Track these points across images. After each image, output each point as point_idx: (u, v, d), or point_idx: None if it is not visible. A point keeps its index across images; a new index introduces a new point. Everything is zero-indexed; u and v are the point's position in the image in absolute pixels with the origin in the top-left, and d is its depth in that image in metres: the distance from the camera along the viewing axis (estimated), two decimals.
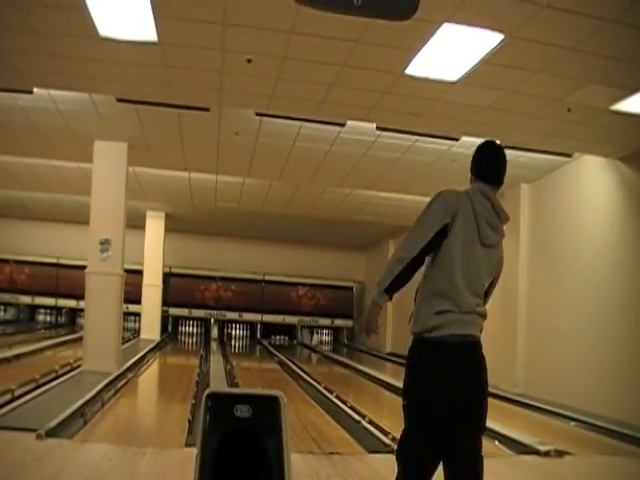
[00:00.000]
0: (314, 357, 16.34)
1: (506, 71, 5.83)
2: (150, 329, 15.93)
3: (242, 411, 1.71)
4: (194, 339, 18.64)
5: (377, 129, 8.16)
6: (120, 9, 5.11)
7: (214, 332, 18.90)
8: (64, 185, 12.70)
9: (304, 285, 19.97)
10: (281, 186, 11.91)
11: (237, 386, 8.54)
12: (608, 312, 7.95)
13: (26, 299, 18.83)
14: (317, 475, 4.55)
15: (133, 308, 15.88)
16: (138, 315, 16.56)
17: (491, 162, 3.08)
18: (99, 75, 6.65)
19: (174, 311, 18.92)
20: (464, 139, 8.16)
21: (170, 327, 18.90)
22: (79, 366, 9.10)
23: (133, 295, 14.79)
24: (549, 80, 5.94)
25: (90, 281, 9.22)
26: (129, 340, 14.64)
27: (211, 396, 1.75)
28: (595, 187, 8.54)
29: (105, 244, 9.18)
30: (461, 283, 2.83)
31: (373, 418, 6.69)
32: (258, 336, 19.45)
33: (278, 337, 19.91)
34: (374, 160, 9.49)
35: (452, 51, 5.49)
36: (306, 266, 19.78)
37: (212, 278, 19.41)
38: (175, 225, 17.14)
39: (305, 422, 6.55)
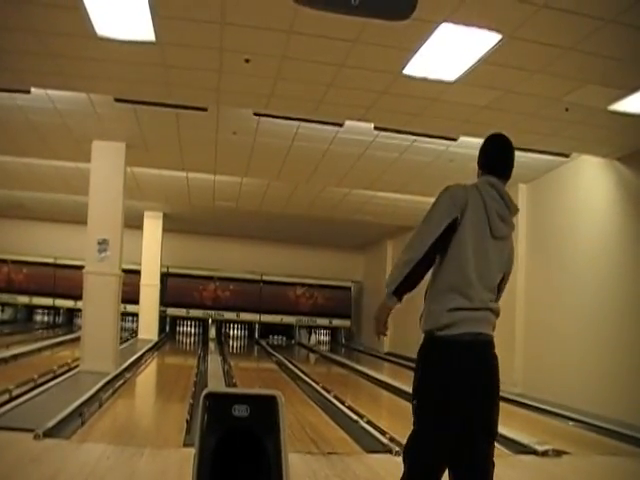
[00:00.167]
0: (312, 357, 16.33)
1: (504, 71, 5.84)
2: (148, 329, 15.91)
3: (240, 411, 1.71)
4: (192, 339, 18.63)
5: (375, 129, 8.16)
6: (118, 9, 5.11)
7: (212, 332, 18.89)
8: (62, 185, 12.68)
9: (302, 285, 19.95)
10: (279, 186, 11.90)
11: (235, 386, 8.54)
12: (607, 312, 7.96)
13: (24, 299, 18.79)
14: (315, 475, 4.54)
15: (131, 308, 15.90)
16: (136, 315, 16.55)
17: (500, 155, 3.02)
18: (97, 75, 6.65)
19: (172, 311, 18.90)
20: (462, 139, 8.17)
21: (168, 327, 18.88)
22: (77, 366, 9.09)
23: (131, 295, 14.79)
24: (547, 80, 5.95)
25: (88, 281, 9.21)
26: (127, 340, 14.62)
27: (209, 396, 1.75)
28: (593, 187, 8.54)
29: (103, 244, 9.17)
30: (473, 276, 2.77)
31: (371, 418, 6.68)
32: (256, 336, 19.44)
33: (276, 337, 19.90)
34: (372, 160, 9.49)
35: (450, 51, 5.49)
36: (304, 266, 19.78)
37: (210, 278, 19.39)
38: (173, 225, 17.14)
39: (303, 422, 6.55)
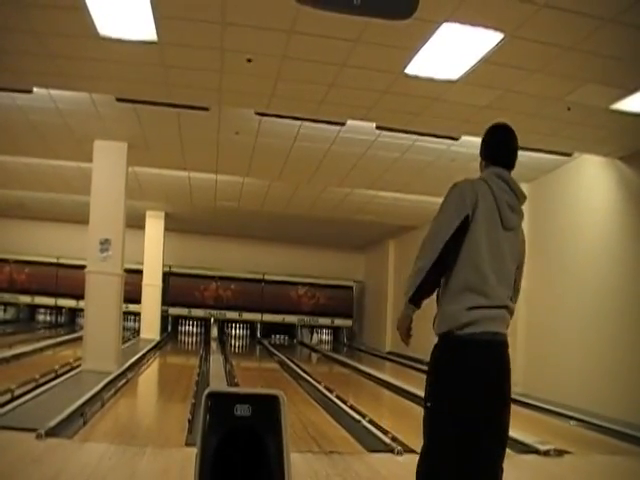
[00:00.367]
0: (314, 356, 16.33)
1: (505, 70, 5.83)
2: (150, 329, 15.93)
3: (242, 410, 1.71)
4: (194, 339, 18.64)
5: (377, 128, 8.16)
6: (120, 9, 5.11)
7: (214, 332, 18.89)
8: (64, 185, 12.70)
9: (304, 284, 19.96)
10: (281, 185, 11.91)
11: (237, 386, 8.54)
12: (608, 311, 7.96)
13: (26, 299, 18.82)
14: (317, 474, 4.55)
15: (133, 308, 15.89)
16: (138, 315, 16.57)
17: (504, 145, 2.95)
18: (99, 75, 6.65)
19: (174, 311, 18.92)
20: (464, 138, 8.17)
21: (170, 327, 18.89)
22: (79, 366, 9.10)
23: (133, 295, 14.79)
24: (548, 79, 5.94)
25: (90, 281, 9.22)
26: (129, 340, 14.63)
27: (211, 395, 1.75)
28: (595, 187, 8.54)
29: (105, 244, 9.18)
30: (489, 273, 2.71)
31: (373, 417, 6.68)
32: (258, 335, 19.45)
33: (278, 336, 19.91)
34: (374, 159, 9.49)
35: (451, 50, 5.49)
36: (306, 265, 19.79)
37: (212, 278, 19.41)
38: (175, 225, 17.15)
39: (305, 421, 6.55)
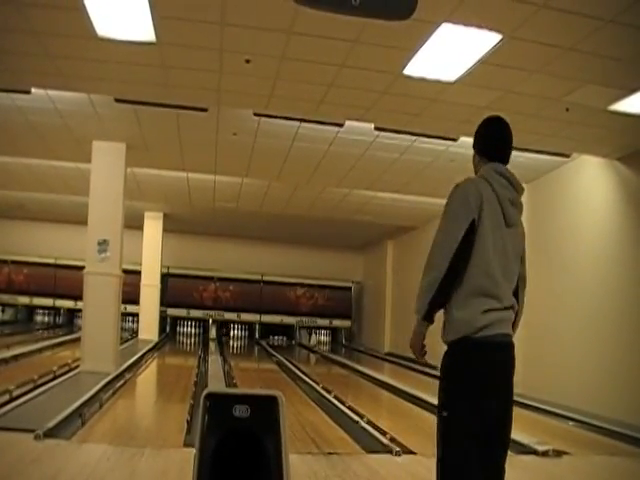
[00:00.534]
0: (312, 357, 16.32)
1: (504, 71, 5.84)
2: (148, 329, 15.91)
3: (241, 411, 1.71)
4: (192, 339, 18.63)
5: (375, 129, 8.16)
6: (118, 9, 5.11)
7: (212, 332, 18.88)
8: (62, 185, 12.69)
9: (302, 285, 19.94)
10: (279, 186, 11.91)
11: (235, 386, 8.53)
12: (606, 312, 7.96)
13: (24, 300, 18.79)
14: (315, 475, 4.54)
15: (131, 308, 15.90)
16: (136, 315, 16.55)
17: (500, 139, 2.89)
18: (97, 75, 6.65)
19: (172, 311, 18.89)
20: (462, 139, 8.16)
21: (168, 327, 18.87)
22: (77, 367, 9.09)
23: (131, 295, 14.80)
24: (547, 80, 5.95)
25: (88, 282, 9.21)
26: (127, 340, 14.62)
27: (210, 396, 1.75)
28: (593, 187, 8.54)
29: (103, 244, 9.17)
30: (498, 274, 2.66)
31: (371, 418, 6.68)
32: (256, 336, 19.44)
33: (276, 337, 19.90)
34: (372, 160, 9.50)
35: (450, 51, 5.50)
36: (304, 266, 19.78)
37: (210, 278, 19.39)
38: (173, 225, 17.14)
39: (304, 422, 6.55)
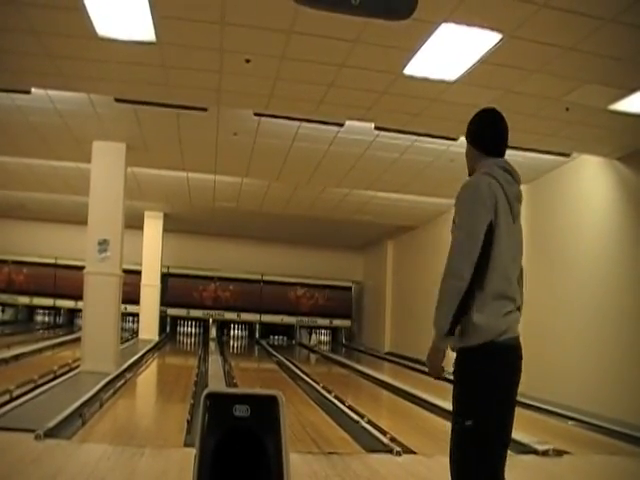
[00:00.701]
0: (312, 357, 16.33)
1: (504, 71, 5.84)
2: (148, 329, 15.92)
3: (241, 411, 1.71)
4: (192, 339, 18.63)
5: (375, 129, 8.16)
6: (118, 9, 5.11)
7: (212, 332, 18.88)
8: (62, 185, 12.69)
9: (302, 285, 19.95)
10: (280, 186, 11.91)
11: (236, 386, 8.54)
12: (606, 311, 7.96)
13: (24, 300, 18.79)
14: (316, 475, 4.54)
15: (131, 308, 15.90)
16: (136, 315, 16.56)
17: (500, 133, 2.79)
18: (97, 75, 6.65)
19: (172, 311, 18.90)
20: (462, 139, 8.11)
21: (168, 327, 18.88)
22: (77, 366, 9.10)
23: (131, 295, 14.80)
24: (547, 80, 5.95)
25: (88, 281, 9.21)
26: (127, 340, 14.63)
27: (210, 396, 1.75)
28: (593, 187, 8.54)
29: (103, 244, 9.17)
30: (512, 275, 2.60)
31: (372, 418, 6.68)
32: (257, 336, 19.44)
33: (276, 337, 19.89)
34: (373, 160, 9.49)
35: (450, 51, 5.50)
36: (304, 266, 19.78)
37: (210, 278, 19.39)
38: (173, 225, 17.14)
39: (304, 422, 6.55)
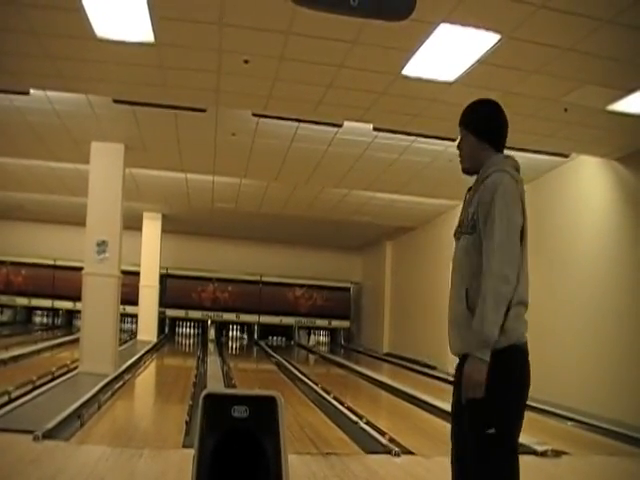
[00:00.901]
0: (311, 358, 16.32)
1: (503, 71, 5.84)
2: (147, 330, 15.90)
3: (239, 412, 1.71)
4: (191, 340, 18.62)
5: (374, 130, 8.16)
6: (117, 10, 5.11)
7: (211, 333, 18.87)
8: (61, 186, 12.68)
9: (301, 286, 19.94)
10: (278, 187, 11.91)
11: (234, 387, 8.53)
12: (605, 312, 7.96)
13: (23, 301, 18.78)
14: (314, 476, 4.54)
15: (130, 309, 15.88)
16: (135, 316, 16.55)
17: (506, 125, 2.67)
18: (96, 76, 6.64)
19: (171, 312, 18.87)
20: None
21: (167, 328, 18.86)
22: (76, 368, 9.09)
23: (130, 296, 14.80)
24: (546, 80, 5.95)
25: (87, 283, 9.21)
26: (126, 342, 14.61)
27: (208, 397, 1.75)
28: (592, 187, 8.54)
29: (102, 245, 9.16)
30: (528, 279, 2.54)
31: (370, 419, 6.68)
32: (255, 337, 19.43)
33: (275, 338, 19.88)
34: (371, 161, 9.50)
35: (449, 52, 5.50)
36: (303, 267, 19.77)
37: (209, 279, 19.38)
38: (172, 226, 17.13)
39: (302, 423, 6.54)
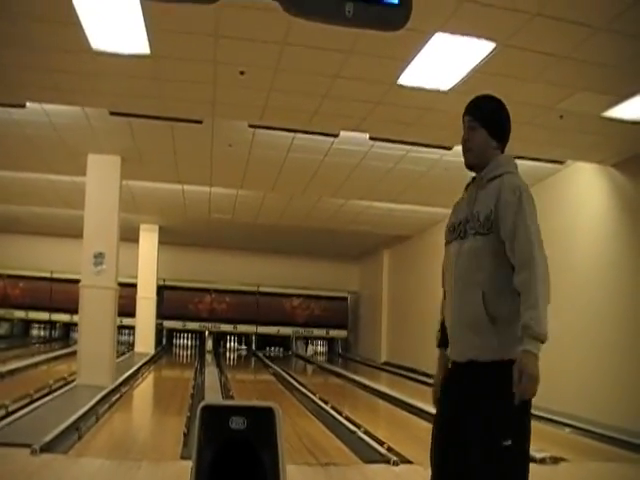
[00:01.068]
0: (309, 368, 16.29)
1: (498, 79, 5.84)
2: (144, 342, 15.87)
3: (237, 423, 1.70)
4: (189, 351, 18.57)
5: (370, 139, 8.18)
6: (113, 22, 5.12)
7: (209, 344, 18.83)
8: (57, 199, 12.67)
9: (298, 296, 19.92)
10: (275, 197, 11.91)
11: (232, 398, 8.50)
12: (603, 318, 7.95)
13: (20, 314, 18.72)
14: None
15: (127, 321, 15.83)
16: (132, 328, 16.49)
17: (510, 127, 2.64)
18: (92, 89, 6.65)
19: (168, 324, 18.84)
20: (457, 148, 8.17)
21: (165, 340, 18.82)
22: (73, 380, 9.05)
23: (127, 308, 14.75)
24: (541, 88, 5.97)
25: (84, 295, 9.18)
26: (123, 354, 14.57)
27: (206, 408, 1.74)
28: (588, 194, 8.56)
29: (99, 257, 9.15)
30: None
31: (369, 428, 6.66)
32: (253, 348, 19.39)
33: (273, 349, 19.84)
34: (368, 170, 9.51)
35: (444, 60, 5.51)
36: (300, 277, 19.74)
37: (206, 290, 19.36)
38: (169, 238, 17.11)
39: (301, 433, 6.52)
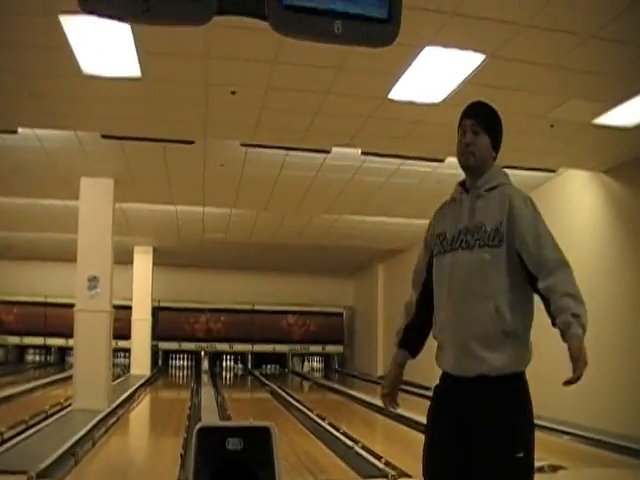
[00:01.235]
0: (305, 385, 16.22)
1: (488, 90, 5.84)
2: (140, 364, 15.75)
3: (234, 444, 1.68)
4: (185, 372, 18.47)
5: (362, 154, 8.18)
6: (103, 46, 5.11)
7: (205, 364, 18.73)
8: (51, 223, 12.63)
9: (294, 313, 19.86)
10: (268, 215, 11.90)
11: (229, 418, 8.44)
12: (599, 324, 7.88)
13: (14, 339, 18.61)
14: None
15: (122, 344, 15.74)
16: (128, 351, 16.39)
17: None
18: (84, 113, 6.65)
19: (164, 345, 18.72)
20: (449, 160, 8.18)
21: (160, 361, 18.71)
22: (69, 405, 8.98)
23: (122, 331, 14.67)
24: (531, 97, 5.99)
25: (79, 319, 9.12)
26: (119, 376, 14.48)
27: (202, 430, 1.72)
28: (580, 201, 8.57)
29: (93, 281, 9.10)
30: None
31: (366, 443, 6.62)
32: (249, 366, 19.30)
33: (269, 366, 19.74)
34: (360, 185, 9.51)
35: (434, 74, 5.53)
36: (295, 294, 19.67)
37: (201, 310, 19.29)
38: (163, 259, 17.05)
39: (298, 450, 6.47)
